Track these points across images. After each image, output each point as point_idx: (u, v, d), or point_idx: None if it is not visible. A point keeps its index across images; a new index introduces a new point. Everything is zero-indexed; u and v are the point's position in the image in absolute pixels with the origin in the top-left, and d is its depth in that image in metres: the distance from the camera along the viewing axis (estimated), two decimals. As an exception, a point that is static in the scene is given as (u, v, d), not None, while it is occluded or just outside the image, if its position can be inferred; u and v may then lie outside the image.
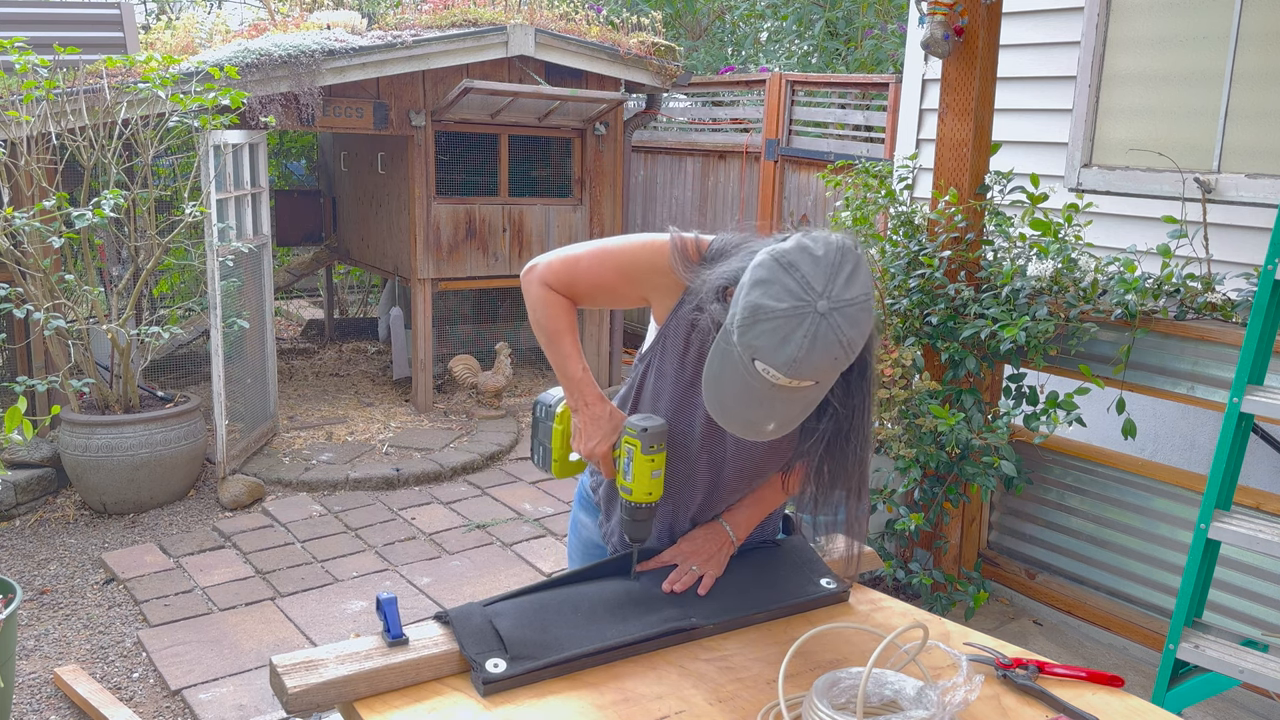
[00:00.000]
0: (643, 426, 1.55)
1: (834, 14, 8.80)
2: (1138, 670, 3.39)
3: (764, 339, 1.28)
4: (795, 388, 1.31)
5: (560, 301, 1.67)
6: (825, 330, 1.27)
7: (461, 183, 6.57)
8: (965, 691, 1.30)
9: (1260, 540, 2.41)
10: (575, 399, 1.66)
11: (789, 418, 1.35)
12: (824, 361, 1.28)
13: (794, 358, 1.27)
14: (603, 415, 1.63)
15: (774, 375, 1.29)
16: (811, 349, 1.27)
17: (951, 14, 3.42)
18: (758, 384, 1.31)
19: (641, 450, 1.55)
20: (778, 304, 1.28)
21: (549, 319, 1.67)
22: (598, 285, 1.65)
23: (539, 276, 1.67)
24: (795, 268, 1.29)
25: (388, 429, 5.95)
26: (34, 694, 3.27)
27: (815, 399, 1.35)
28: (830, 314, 1.27)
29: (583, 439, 1.63)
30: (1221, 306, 3.19)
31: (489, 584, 4.09)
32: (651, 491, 1.58)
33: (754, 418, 1.35)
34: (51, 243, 4.39)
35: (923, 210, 3.75)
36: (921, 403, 3.37)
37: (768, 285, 1.29)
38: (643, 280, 1.62)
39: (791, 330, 1.27)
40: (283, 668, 1.37)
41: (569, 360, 1.66)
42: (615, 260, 1.64)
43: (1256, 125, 3.52)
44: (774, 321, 1.27)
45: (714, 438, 1.64)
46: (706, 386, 1.38)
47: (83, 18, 5.55)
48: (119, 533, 4.53)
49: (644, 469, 1.56)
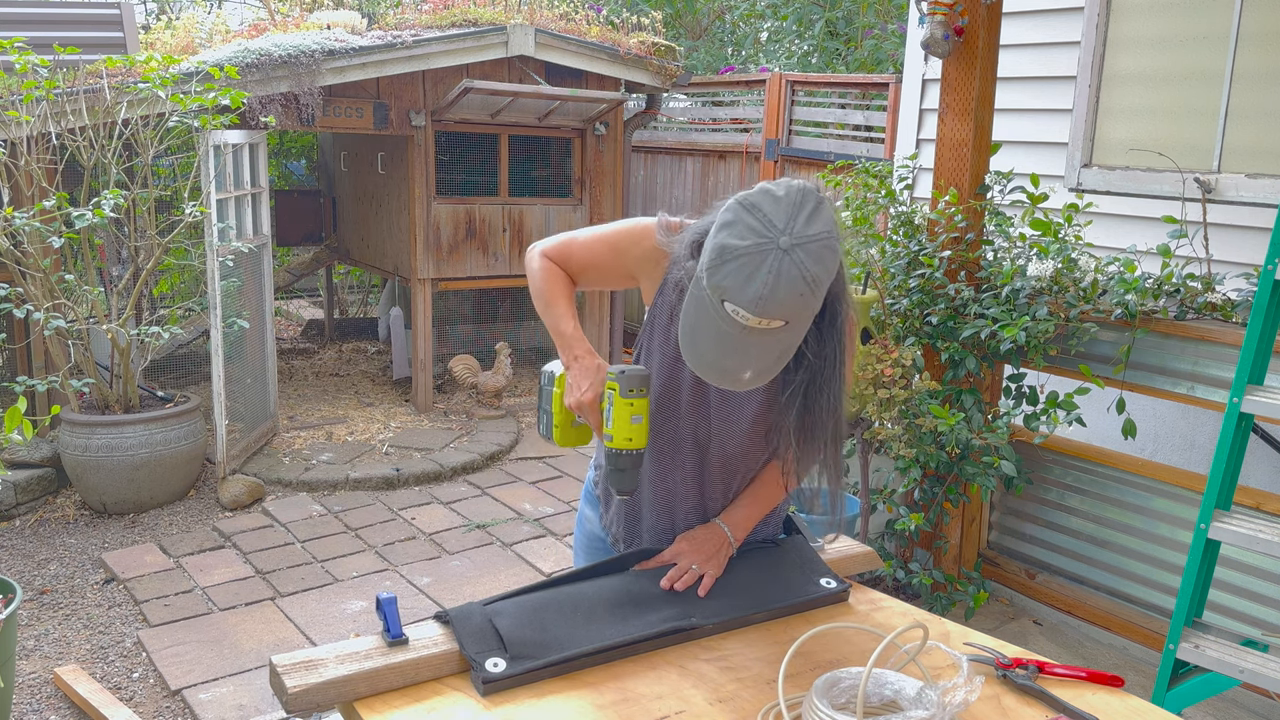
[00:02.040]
0: (620, 370, 1.58)
1: (834, 14, 8.80)
2: (1138, 670, 3.39)
3: (730, 278, 1.31)
4: (767, 329, 1.33)
5: (558, 271, 1.77)
6: (788, 266, 1.30)
7: (461, 183, 6.57)
8: (965, 692, 1.30)
9: (1260, 540, 2.41)
10: (567, 354, 1.70)
11: (765, 364, 1.38)
12: (790, 298, 1.31)
13: (760, 295, 1.30)
14: (591, 366, 1.67)
15: (743, 316, 1.32)
16: (776, 285, 1.30)
17: (951, 14, 3.42)
18: (730, 328, 1.34)
19: (620, 393, 1.57)
20: (741, 242, 1.32)
21: (546, 284, 1.76)
22: (590, 260, 1.75)
23: (540, 250, 1.79)
24: (757, 208, 1.34)
25: (388, 429, 5.95)
26: (34, 694, 3.27)
27: (790, 345, 1.38)
28: (793, 249, 1.31)
29: (572, 391, 1.66)
30: (1221, 306, 3.19)
31: (489, 584, 4.09)
32: (631, 438, 1.59)
33: (730, 365, 1.38)
34: (51, 243, 4.39)
35: (923, 210, 3.75)
36: (921, 403, 3.37)
37: (732, 226, 1.34)
38: (629, 254, 1.70)
39: (756, 267, 1.30)
40: (283, 668, 1.37)
41: (562, 319, 1.73)
42: (607, 238, 1.74)
43: (1256, 125, 3.52)
44: (739, 260, 1.31)
45: (699, 409, 1.68)
46: (683, 338, 1.41)
47: (83, 18, 5.55)
48: (119, 533, 4.53)
49: (624, 414, 1.58)
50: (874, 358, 3.39)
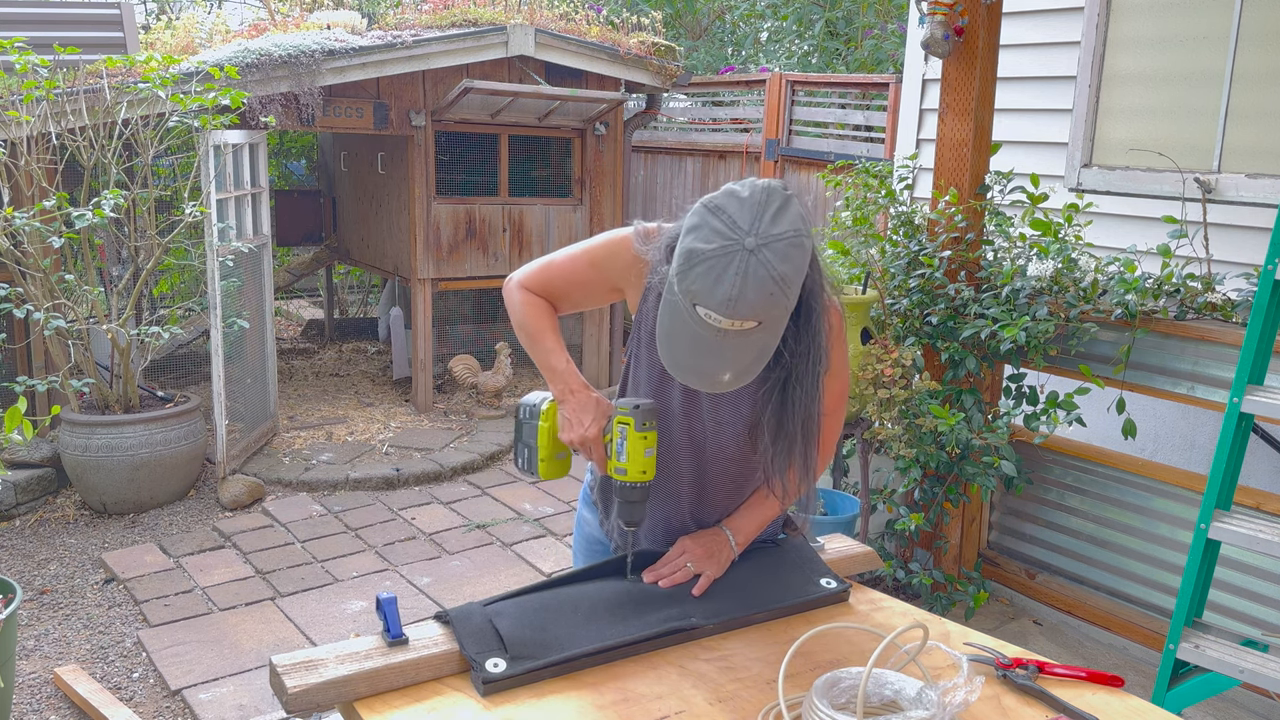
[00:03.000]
0: (634, 404, 1.58)
1: (834, 14, 8.80)
2: (1138, 670, 3.39)
3: (699, 282, 1.31)
4: (741, 330, 1.33)
5: (539, 302, 1.74)
6: (755, 266, 1.30)
7: (461, 183, 6.57)
8: (965, 692, 1.30)
9: (1260, 540, 2.41)
10: (561, 389, 1.68)
11: (743, 366, 1.37)
12: (759, 298, 1.30)
13: (729, 296, 1.29)
14: (589, 401, 1.65)
15: (715, 319, 1.31)
16: (744, 286, 1.29)
17: (951, 14, 3.42)
18: (704, 331, 1.33)
19: (635, 428, 1.58)
20: (707, 245, 1.32)
21: (530, 318, 1.73)
22: (572, 281, 1.72)
23: (517, 283, 1.76)
24: (722, 210, 1.34)
25: (388, 429, 5.95)
26: (34, 694, 3.27)
27: (767, 344, 1.37)
28: (759, 250, 1.30)
29: (573, 427, 1.64)
30: (1221, 306, 3.19)
31: (489, 584, 4.09)
32: (645, 470, 1.60)
33: (708, 367, 1.37)
34: (51, 243, 4.39)
35: (923, 210, 3.75)
36: (921, 403, 3.37)
37: (698, 230, 1.34)
38: (611, 267, 1.68)
39: (723, 269, 1.30)
40: (283, 668, 1.37)
41: (552, 354, 1.70)
42: (586, 255, 1.70)
43: (1256, 125, 3.52)
44: (706, 263, 1.31)
45: (693, 414, 1.67)
46: (660, 343, 1.41)
47: (83, 18, 5.55)
48: (119, 533, 4.53)
49: (638, 447, 1.58)
50: (874, 358, 3.39)
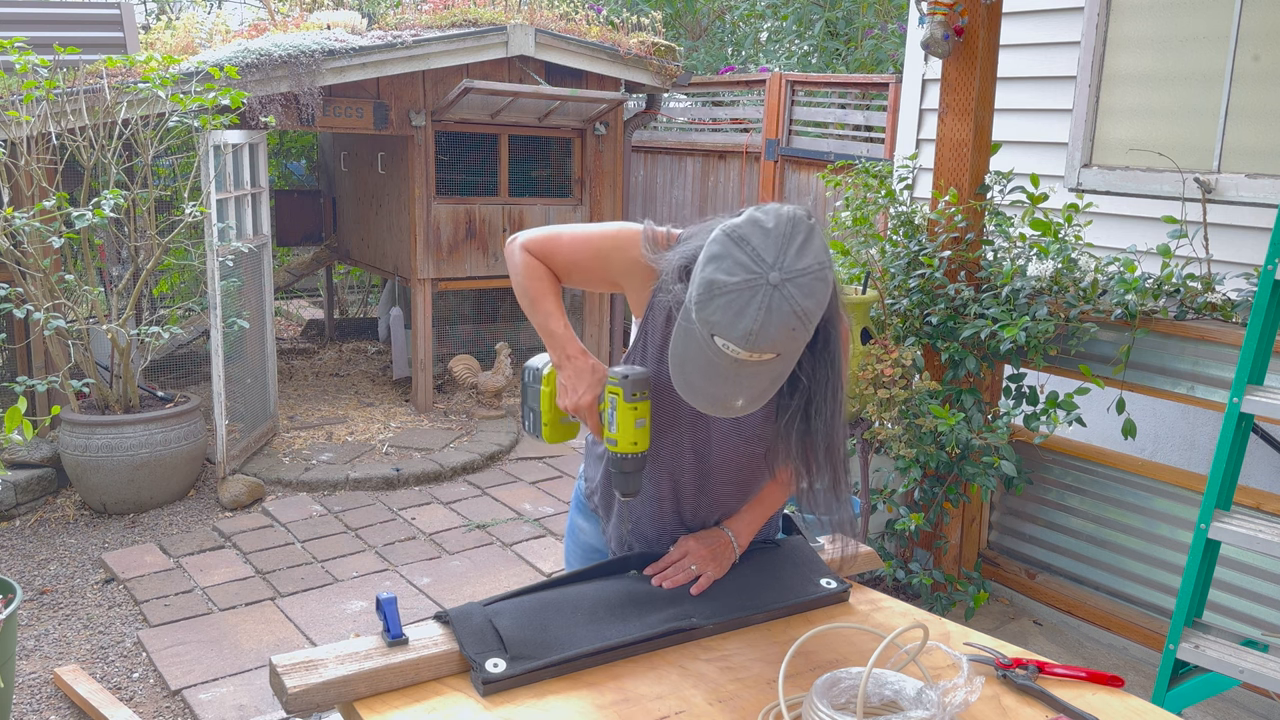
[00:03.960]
0: (623, 374, 1.56)
1: (834, 14, 8.80)
2: (1138, 670, 3.39)
3: (720, 314, 1.30)
4: (757, 361, 1.32)
5: (542, 267, 1.70)
6: (779, 301, 1.28)
7: (461, 183, 6.57)
8: (966, 692, 1.30)
9: (1260, 540, 2.41)
10: (558, 354, 1.66)
11: (757, 392, 1.36)
12: (780, 333, 1.29)
13: (750, 330, 1.28)
14: (585, 368, 1.64)
15: (733, 350, 1.30)
16: (767, 321, 1.28)
17: (951, 14, 3.42)
18: (720, 360, 1.32)
19: (624, 398, 1.56)
20: (730, 278, 1.30)
21: (531, 280, 1.70)
22: (573, 263, 1.69)
23: (521, 244, 1.71)
24: (746, 241, 1.31)
25: (388, 429, 5.95)
26: (34, 694, 3.27)
27: (782, 372, 1.36)
28: (783, 285, 1.29)
29: (568, 393, 1.64)
30: (1221, 306, 3.19)
31: (489, 584, 4.09)
32: (636, 441, 1.58)
33: (721, 394, 1.36)
34: (51, 243, 4.39)
35: (923, 210, 3.75)
36: (921, 403, 3.37)
37: (720, 260, 1.32)
38: (614, 263, 1.65)
39: (745, 303, 1.29)
40: (282, 668, 1.37)
41: (550, 318, 1.68)
42: (592, 243, 1.68)
43: (1256, 125, 3.52)
44: (728, 296, 1.29)
45: (699, 423, 1.65)
46: (673, 366, 1.39)
47: (83, 18, 5.56)
48: (119, 533, 4.53)
49: (627, 418, 1.57)
50: (874, 358, 3.39)
